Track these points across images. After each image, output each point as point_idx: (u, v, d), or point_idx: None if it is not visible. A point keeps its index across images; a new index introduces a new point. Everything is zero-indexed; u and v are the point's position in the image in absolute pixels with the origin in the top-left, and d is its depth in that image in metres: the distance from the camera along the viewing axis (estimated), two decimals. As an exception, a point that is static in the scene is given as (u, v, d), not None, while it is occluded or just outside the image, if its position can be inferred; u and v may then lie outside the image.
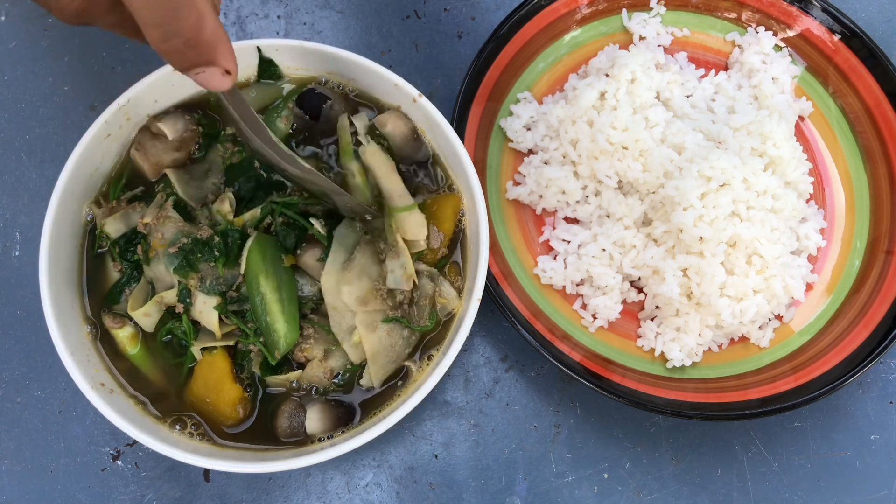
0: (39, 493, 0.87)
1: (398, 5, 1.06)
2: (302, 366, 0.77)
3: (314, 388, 0.77)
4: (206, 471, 0.87)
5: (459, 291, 0.79)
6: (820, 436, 0.91)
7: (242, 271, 0.74)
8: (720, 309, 0.85)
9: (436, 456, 0.89)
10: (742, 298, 0.86)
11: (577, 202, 0.94)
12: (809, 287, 0.93)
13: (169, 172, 0.79)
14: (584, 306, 0.92)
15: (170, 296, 0.75)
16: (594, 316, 0.91)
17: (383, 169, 0.81)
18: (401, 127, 0.82)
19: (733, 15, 1.02)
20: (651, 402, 0.83)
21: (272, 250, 0.75)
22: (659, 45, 1.00)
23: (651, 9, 1.02)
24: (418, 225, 0.78)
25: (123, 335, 0.77)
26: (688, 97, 0.97)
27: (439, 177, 0.84)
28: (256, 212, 0.77)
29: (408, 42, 1.05)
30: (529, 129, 0.97)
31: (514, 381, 0.91)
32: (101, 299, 0.78)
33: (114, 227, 0.78)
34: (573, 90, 0.96)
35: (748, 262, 0.86)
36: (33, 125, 0.98)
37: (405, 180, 0.82)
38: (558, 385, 0.91)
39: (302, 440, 0.74)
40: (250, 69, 0.83)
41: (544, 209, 0.95)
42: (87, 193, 0.80)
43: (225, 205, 0.77)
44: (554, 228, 0.95)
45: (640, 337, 0.91)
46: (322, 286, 0.75)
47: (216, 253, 0.74)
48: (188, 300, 0.75)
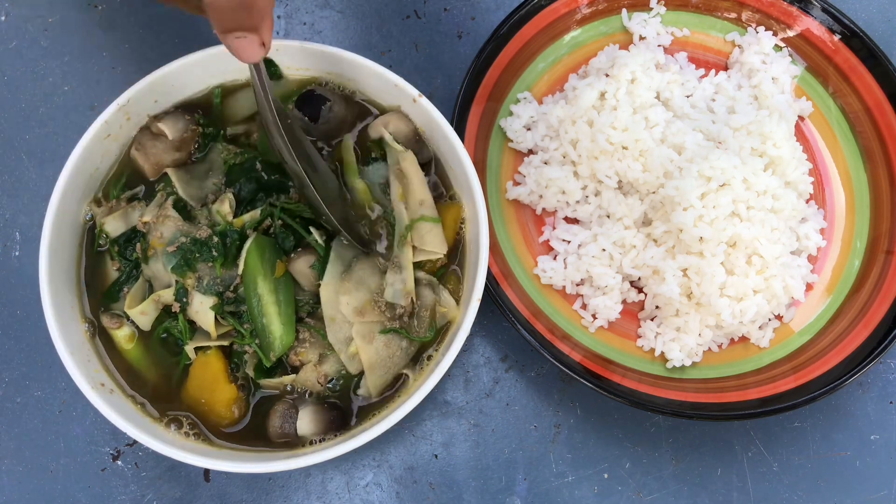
0: (39, 493, 0.87)
1: (398, 5, 1.06)
2: (296, 370, 0.76)
3: (308, 392, 0.77)
4: (206, 471, 0.87)
5: (458, 300, 0.79)
6: (820, 436, 0.91)
7: (240, 272, 0.74)
8: (720, 309, 0.85)
9: (436, 456, 0.89)
10: (742, 298, 0.86)
11: (577, 202, 0.94)
12: (809, 287, 0.93)
13: (170, 171, 0.79)
14: (584, 306, 0.92)
15: (167, 295, 0.75)
16: (594, 316, 0.91)
17: (417, 178, 0.80)
18: (402, 129, 0.81)
19: (733, 15, 1.02)
20: (651, 402, 0.83)
21: (271, 252, 0.75)
22: (659, 45, 1.00)
23: (651, 9, 1.02)
24: (440, 240, 0.78)
25: (121, 335, 0.77)
26: (688, 97, 0.97)
27: (437, 183, 0.83)
28: (256, 213, 0.77)
29: (408, 42, 1.05)
30: (529, 129, 0.97)
31: (514, 381, 0.91)
32: (101, 299, 0.78)
33: (113, 226, 0.78)
34: (573, 90, 0.96)
35: (748, 262, 0.86)
36: (33, 125, 0.98)
37: None
38: (558, 385, 0.91)
39: (292, 441, 0.74)
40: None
41: (544, 209, 0.95)
42: (87, 193, 0.80)
43: (225, 205, 0.77)
44: (554, 228, 0.95)
45: (640, 337, 0.91)
46: (321, 297, 0.75)
47: (214, 253, 0.74)
48: (185, 299, 0.75)
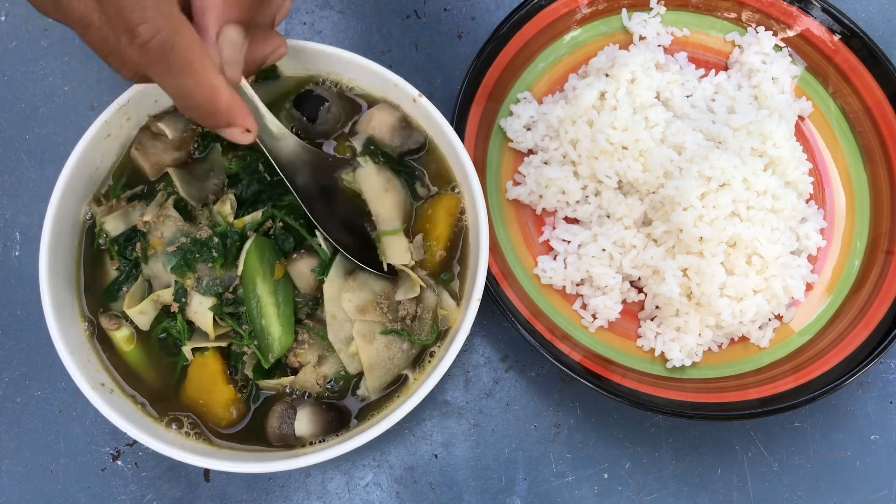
0: (39, 493, 0.87)
1: (398, 5, 1.06)
2: (295, 371, 0.76)
3: (307, 394, 0.77)
4: (206, 471, 0.87)
5: (459, 302, 0.79)
6: (820, 436, 0.91)
7: (240, 273, 0.74)
8: (720, 309, 0.85)
9: (436, 456, 0.89)
10: (742, 298, 0.86)
11: (577, 202, 0.94)
12: (809, 287, 0.93)
13: (171, 171, 0.79)
14: (584, 306, 0.92)
15: (166, 295, 0.75)
16: (594, 316, 0.91)
17: (374, 192, 0.80)
18: (387, 118, 0.81)
19: (733, 15, 1.02)
20: (651, 402, 0.83)
21: (270, 254, 0.75)
22: (659, 45, 1.00)
23: (651, 9, 1.02)
24: (402, 250, 0.78)
25: (120, 336, 0.77)
26: (688, 97, 0.97)
27: (422, 174, 0.83)
28: (257, 215, 0.77)
29: (408, 42, 1.05)
30: (529, 129, 0.97)
31: (514, 381, 0.91)
32: (100, 299, 0.78)
33: (113, 226, 0.78)
34: (573, 90, 0.96)
35: (748, 262, 0.86)
36: (33, 125, 0.98)
37: (408, 175, 0.82)
38: (558, 385, 0.91)
39: (290, 442, 0.74)
40: (250, 69, 0.83)
41: (544, 209, 0.95)
42: (87, 193, 0.79)
43: (226, 206, 0.77)
44: (554, 228, 0.95)
45: (640, 337, 0.91)
46: (324, 293, 0.75)
47: (214, 254, 0.74)
48: (184, 300, 0.75)
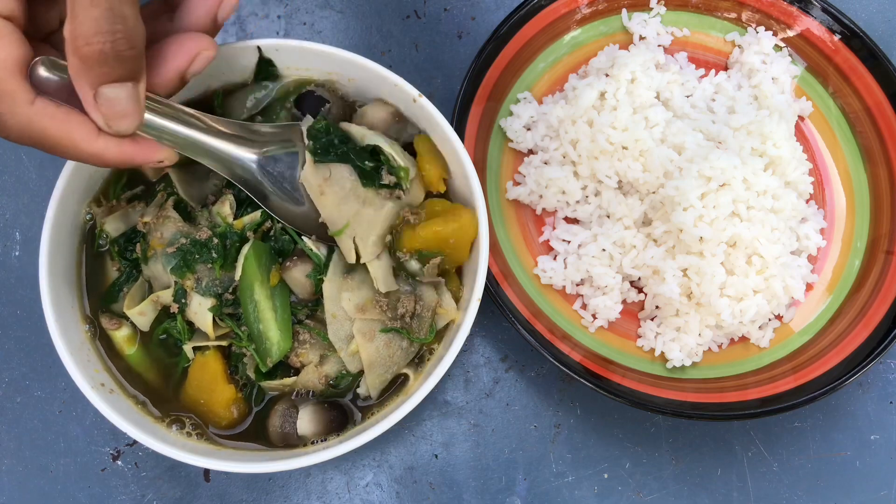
0: (39, 493, 0.87)
1: (398, 5, 1.06)
2: (297, 371, 0.76)
3: (310, 393, 0.77)
4: (206, 471, 0.87)
5: (458, 300, 0.79)
6: (820, 436, 0.91)
7: (238, 276, 0.74)
8: (720, 309, 0.85)
9: (436, 456, 0.89)
10: (742, 298, 0.86)
11: (577, 202, 0.94)
12: (809, 287, 0.93)
13: (171, 172, 0.79)
14: (584, 306, 0.92)
15: (165, 295, 0.75)
16: (594, 316, 0.91)
17: (313, 194, 0.75)
18: (380, 113, 0.81)
19: (733, 15, 1.02)
20: (651, 402, 0.83)
21: (267, 258, 0.75)
22: (659, 45, 1.00)
23: (651, 9, 1.02)
24: (348, 249, 0.75)
25: (120, 336, 0.77)
26: (688, 97, 0.97)
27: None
28: (256, 215, 0.77)
29: (408, 42, 1.05)
30: (529, 129, 0.97)
31: (514, 381, 0.91)
32: (101, 299, 0.78)
33: (113, 226, 0.78)
34: (573, 90, 0.96)
35: (748, 262, 0.86)
36: (33, 125, 0.98)
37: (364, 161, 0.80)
38: (558, 385, 0.91)
39: (292, 441, 0.74)
40: (249, 70, 0.82)
41: (544, 209, 0.95)
42: (87, 194, 0.79)
43: (225, 207, 0.77)
44: (554, 228, 0.95)
45: (640, 337, 0.91)
46: (323, 292, 0.75)
47: (214, 255, 0.74)
48: (183, 300, 0.75)
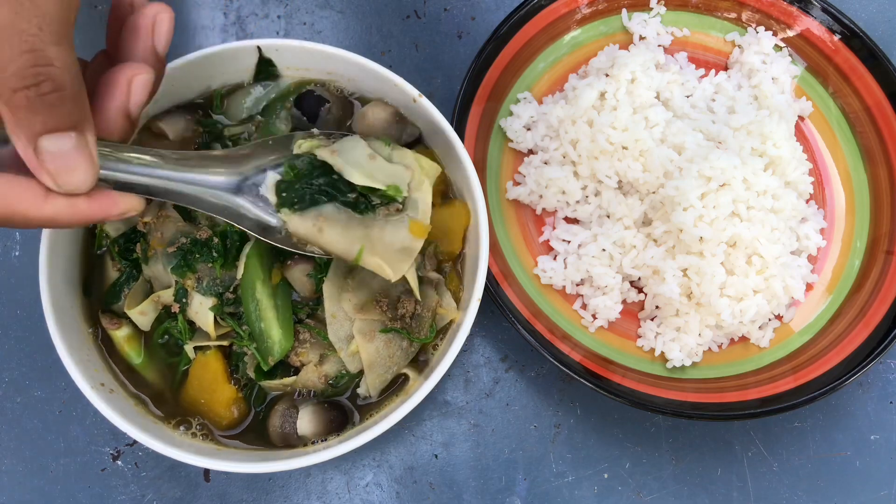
0: (39, 493, 0.87)
1: (398, 5, 1.06)
2: (297, 370, 0.76)
3: (311, 392, 0.77)
4: (206, 471, 0.87)
5: (458, 300, 0.79)
6: (820, 436, 0.91)
7: (240, 275, 0.74)
8: (720, 309, 0.85)
9: (436, 456, 0.89)
10: (742, 298, 0.86)
11: (577, 202, 0.94)
12: (809, 287, 0.93)
13: None
14: (584, 306, 0.92)
15: (166, 295, 0.75)
16: (594, 316, 0.91)
17: (311, 238, 0.71)
18: (380, 113, 0.81)
19: (733, 15, 1.02)
20: (651, 402, 0.83)
21: (268, 257, 0.75)
22: (659, 45, 1.00)
23: (651, 9, 1.02)
24: (377, 267, 0.71)
25: (121, 336, 0.77)
26: (688, 97, 0.97)
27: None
28: None
29: (408, 42, 1.05)
30: (529, 129, 0.97)
31: (514, 381, 0.91)
32: (101, 299, 0.78)
33: (113, 226, 0.78)
34: (573, 90, 0.96)
35: (748, 262, 0.86)
36: (33, 125, 0.98)
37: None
38: (558, 385, 0.91)
39: (292, 441, 0.74)
40: (249, 70, 0.83)
41: (544, 209, 0.95)
42: (87, 193, 0.79)
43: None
44: (554, 228, 0.95)
45: (640, 337, 0.91)
46: (323, 293, 0.74)
47: (214, 254, 0.74)
48: (184, 300, 0.75)
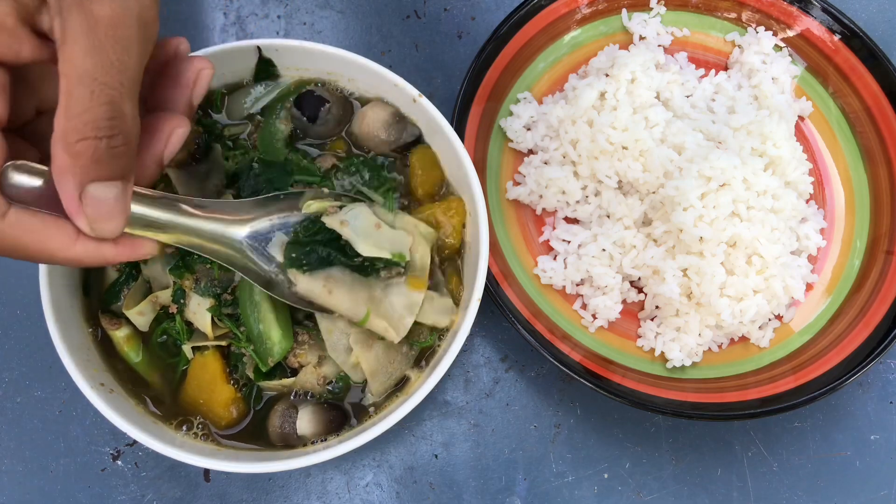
0: (39, 493, 0.87)
1: (398, 5, 1.06)
2: (295, 371, 0.76)
3: (309, 394, 0.76)
4: (206, 471, 0.87)
5: (458, 301, 0.79)
6: (820, 436, 0.91)
7: (238, 277, 0.74)
8: (720, 309, 0.85)
9: (436, 456, 0.89)
10: (742, 298, 0.86)
11: (577, 202, 0.94)
12: (809, 287, 0.93)
13: (170, 172, 0.79)
14: (584, 306, 0.92)
15: (164, 296, 0.75)
16: (594, 316, 0.91)
17: (322, 300, 0.72)
18: (380, 114, 0.81)
19: (733, 15, 1.02)
20: (651, 402, 0.83)
21: None
22: (659, 45, 1.00)
23: (651, 9, 1.02)
24: (382, 329, 0.72)
25: (120, 336, 0.77)
26: (688, 97, 0.97)
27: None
28: None
29: (408, 42, 1.05)
30: (529, 129, 0.97)
31: (514, 381, 0.91)
32: (101, 299, 0.78)
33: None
34: (573, 90, 0.96)
35: (748, 262, 0.86)
36: (33, 125, 0.98)
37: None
38: (558, 385, 0.91)
39: (292, 442, 0.74)
40: (248, 70, 0.83)
41: (544, 209, 0.95)
42: (87, 193, 0.79)
43: None
44: (554, 228, 0.95)
45: (640, 337, 0.91)
46: (315, 312, 0.74)
47: None
48: (182, 301, 0.75)
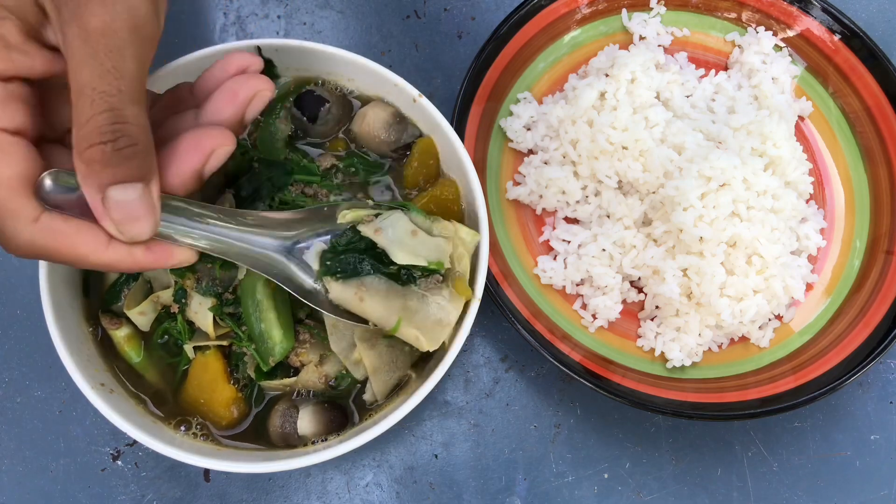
0: (39, 493, 0.87)
1: (398, 5, 1.06)
2: (297, 370, 0.76)
3: (311, 392, 0.77)
4: (206, 471, 0.87)
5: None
6: (820, 436, 0.91)
7: (241, 276, 0.74)
8: (720, 309, 0.85)
9: (436, 456, 0.89)
10: (742, 298, 0.86)
11: (577, 202, 0.94)
12: (809, 287, 0.93)
13: None
14: (584, 306, 0.92)
15: (166, 295, 0.75)
16: (594, 316, 0.91)
17: (354, 307, 0.71)
18: (380, 114, 0.81)
19: (733, 15, 1.02)
20: (651, 402, 0.83)
21: None
22: (659, 45, 1.00)
23: (651, 9, 1.02)
24: (413, 338, 0.71)
25: (120, 335, 0.77)
26: (688, 97, 0.97)
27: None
28: None
29: (408, 42, 1.05)
30: (529, 129, 0.97)
31: (514, 381, 0.91)
32: (101, 299, 0.78)
33: (113, 227, 0.78)
34: (573, 90, 0.96)
35: (748, 262, 0.86)
36: (33, 125, 0.98)
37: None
38: (558, 385, 0.91)
39: (293, 441, 0.74)
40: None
41: (544, 209, 0.95)
42: (87, 194, 0.79)
43: (224, 206, 0.77)
44: (554, 228, 0.95)
45: (640, 337, 0.91)
46: None
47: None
48: (183, 300, 0.75)
